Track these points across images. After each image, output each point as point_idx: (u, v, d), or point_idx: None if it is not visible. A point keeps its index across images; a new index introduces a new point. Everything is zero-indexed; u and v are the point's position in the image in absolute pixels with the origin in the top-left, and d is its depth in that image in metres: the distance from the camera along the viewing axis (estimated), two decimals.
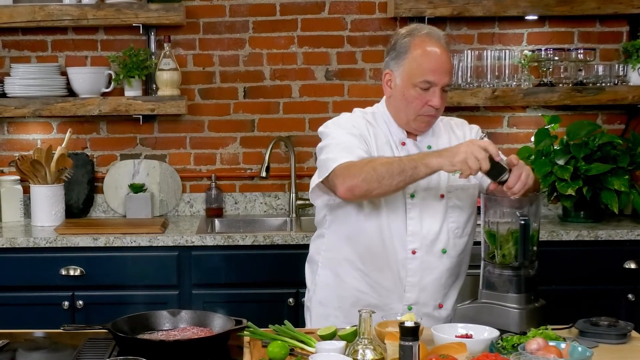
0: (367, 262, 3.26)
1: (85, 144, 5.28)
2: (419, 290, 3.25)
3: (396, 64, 3.20)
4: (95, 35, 5.22)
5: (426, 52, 3.13)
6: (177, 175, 5.28)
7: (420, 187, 3.21)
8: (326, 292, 3.39)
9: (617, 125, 5.30)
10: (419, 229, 3.22)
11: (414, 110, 3.18)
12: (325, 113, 5.23)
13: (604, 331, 2.92)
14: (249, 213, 5.30)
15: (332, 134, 3.23)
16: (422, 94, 3.14)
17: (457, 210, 3.27)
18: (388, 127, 3.28)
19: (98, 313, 4.47)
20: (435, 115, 3.21)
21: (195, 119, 5.27)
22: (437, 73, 3.12)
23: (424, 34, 3.17)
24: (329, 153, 3.16)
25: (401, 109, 3.22)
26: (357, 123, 3.26)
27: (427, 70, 3.12)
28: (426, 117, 3.19)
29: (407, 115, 3.21)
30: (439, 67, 3.12)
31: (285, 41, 5.25)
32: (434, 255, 3.24)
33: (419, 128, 3.24)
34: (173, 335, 2.77)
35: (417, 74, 3.13)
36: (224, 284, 4.60)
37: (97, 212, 5.29)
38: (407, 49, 3.16)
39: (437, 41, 3.15)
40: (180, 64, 5.11)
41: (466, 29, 5.23)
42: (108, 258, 4.57)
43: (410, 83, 3.15)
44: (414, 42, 3.16)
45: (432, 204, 3.24)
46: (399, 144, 3.26)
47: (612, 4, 4.95)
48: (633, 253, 4.63)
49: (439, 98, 3.13)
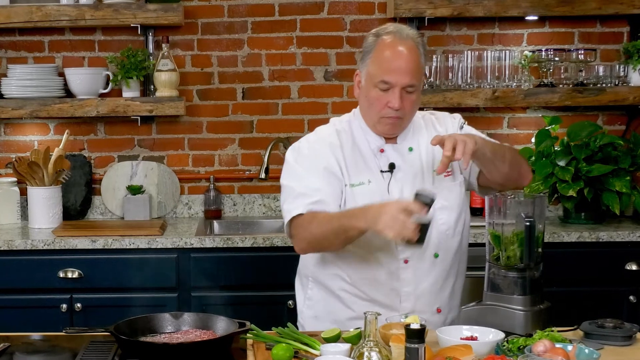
0: (358, 278, 3.18)
1: (82, 145, 5.24)
2: (415, 298, 3.18)
3: (362, 64, 3.15)
4: (93, 36, 5.19)
5: (387, 51, 3.07)
6: (175, 176, 5.25)
7: (404, 194, 3.13)
8: (320, 307, 3.31)
9: (618, 126, 5.28)
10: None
11: (375, 111, 3.11)
12: (324, 114, 5.20)
13: (609, 333, 2.90)
14: (247, 215, 5.27)
15: (291, 170, 3.20)
16: (382, 95, 3.07)
17: (445, 211, 3.19)
18: (365, 134, 3.21)
19: (96, 316, 4.45)
20: (400, 116, 3.11)
21: (194, 120, 5.24)
22: (395, 73, 3.04)
23: (390, 33, 3.11)
24: (286, 201, 3.16)
25: (366, 111, 3.18)
26: (324, 144, 3.19)
27: (385, 70, 3.05)
28: (388, 119, 3.11)
29: (372, 116, 3.15)
30: (398, 67, 3.04)
31: (284, 42, 5.22)
32: (426, 262, 3.17)
33: (383, 131, 3.17)
34: (176, 338, 2.74)
35: (376, 74, 3.07)
36: (223, 287, 4.57)
37: (95, 214, 5.25)
38: (371, 48, 3.11)
39: (401, 40, 3.07)
40: (179, 65, 5.08)
41: (466, 29, 5.20)
42: (106, 260, 4.54)
43: (372, 83, 3.09)
44: (378, 41, 3.10)
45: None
46: (378, 152, 3.20)
47: (613, 4, 4.93)
48: (634, 254, 4.61)
49: (397, 99, 3.04)
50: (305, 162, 3.18)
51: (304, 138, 3.30)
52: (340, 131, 3.24)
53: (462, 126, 3.30)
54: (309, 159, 3.18)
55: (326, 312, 3.28)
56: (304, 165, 3.18)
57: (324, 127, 3.32)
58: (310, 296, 3.34)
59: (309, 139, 3.27)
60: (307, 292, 3.35)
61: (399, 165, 3.18)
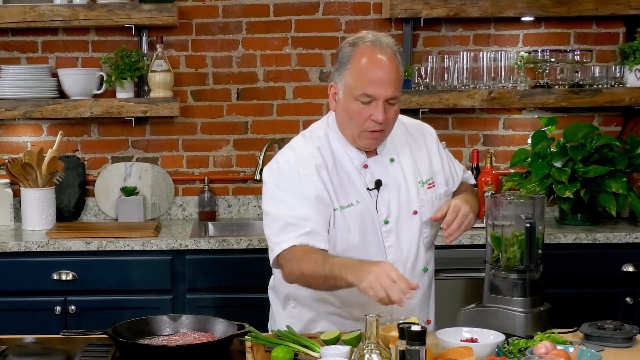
0: (348, 300, 3.05)
1: (76, 146, 5.21)
2: (407, 314, 3.03)
3: (339, 75, 2.99)
4: (86, 36, 5.16)
5: (367, 62, 2.92)
6: (169, 178, 5.22)
7: (392, 209, 3.07)
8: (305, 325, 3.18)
9: (614, 127, 5.26)
10: (399, 255, 3.09)
11: (357, 125, 2.97)
12: (319, 115, 5.14)
13: (609, 335, 2.89)
14: (242, 216, 5.24)
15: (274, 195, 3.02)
16: (364, 108, 2.94)
17: (428, 224, 3.14)
18: (345, 149, 3.08)
19: (91, 318, 4.43)
20: (383, 129, 2.99)
21: (188, 121, 5.22)
22: (377, 85, 2.90)
23: (368, 42, 2.95)
24: (272, 233, 2.98)
25: (345, 125, 3.03)
26: (307, 166, 3.02)
27: (367, 83, 2.91)
28: (370, 133, 2.98)
29: (352, 131, 3.01)
30: (380, 78, 2.91)
31: (279, 42, 5.20)
32: (416, 277, 3.09)
33: (364, 145, 3.04)
34: (174, 341, 2.72)
35: (357, 87, 2.92)
36: (218, 289, 4.55)
37: (88, 216, 5.22)
38: (348, 59, 2.96)
39: (381, 50, 2.93)
40: (173, 66, 5.05)
41: (462, 30, 5.18)
42: (101, 262, 4.51)
43: (352, 96, 2.94)
44: (355, 51, 2.95)
45: (406, 223, 3.10)
46: (361, 168, 3.08)
47: (609, 5, 4.93)
48: (631, 256, 4.60)
49: (381, 112, 2.92)
50: (289, 187, 3.00)
51: (282, 157, 3.10)
52: (320, 148, 3.07)
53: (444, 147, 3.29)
54: (293, 185, 3.00)
55: (311, 329, 3.17)
56: (288, 191, 3.00)
57: (301, 144, 3.12)
58: (293, 314, 3.23)
59: (289, 160, 3.07)
60: (290, 310, 3.24)
61: (385, 180, 3.08)
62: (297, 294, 3.16)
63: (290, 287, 3.13)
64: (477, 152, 5.04)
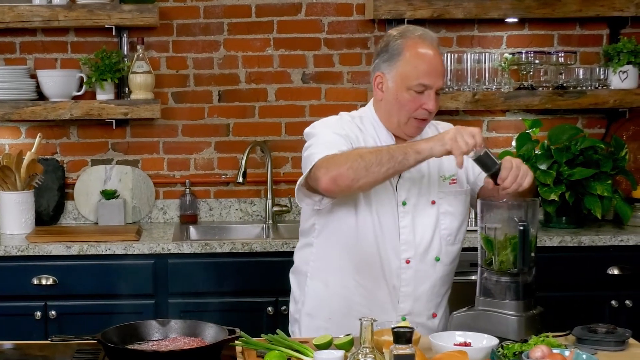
0: (362, 272, 3.17)
1: (55, 149, 5.14)
2: (413, 300, 3.18)
3: (388, 66, 3.11)
4: (65, 37, 5.09)
5: (420, 54, 3.06)
6: (150, 181, 5.16)
7: (411, 195, 3.16)
8: (316, 303, 3.29)
9: (597, 129, 5.25)
10: (412, 237, 3.16)
11: (406, 113, 3.10)
12: (301, 117, 5.14)
13: (602, 338, 2.87)
14: (224, 220, 5.19)
15: (318, 133, 3.15)
16: (417, 97, 3.06)
17: (448, 217, 3.21)
18: (376, 131, 3.20)
19: (72, 323, 4.37)
20: (428, 119, 3.14)
21: (169, 123, 5.16)
22: (432, 76, 3.05)
23: (417, 35, 3.10)
24: (313, 149, 3.08)
25: (393, 113, 3.14)
26: (345, 125, 3.18)
27: (422, 73, 3.04)
28: (418, 121, 3.12)
29: (399, 118, 3.12)
30: (433, 69, 3.06)
31: (261, 43, 5.15)
32: (427, 264, 3.18)
33: (409, 132, 3.15)
34: (164, 346, 2.66)
35: (412, 77, 3.05)
36: (201, 293, 4.49)
37: (68, 220, 5.15)
38: (400, 50, 3.08)
39: (430, 43, 3.08)
40: (153, 67, 4.99)
41: (445, 31, 5.16)
42: (82, 266, 4.45)
43: (405, 86, 3.07)
44: (407, 43, 3.08)
45: (423, 211, 3.18)
46: None
47: (594, 7, 4.91)
48: (616, 259, 4.59)
49: (433, 101, 3.07)
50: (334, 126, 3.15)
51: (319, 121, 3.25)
52: (352, 124, 3.21)
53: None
54: (334, 128, 3.15)
55: (321, 308, 3.26)
56: (333, 128, 3.15)
57: (335, 118, 3.26)
58: (306, 292, 3.31)
59: (327, 119, 3.25)
60: (304, 289, 3.32)
61: None
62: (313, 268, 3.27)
63: (309, 263, 3.28)
64: None
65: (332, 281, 3.22)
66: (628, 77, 4.95)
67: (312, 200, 3.13)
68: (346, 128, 3.16)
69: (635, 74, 4.97)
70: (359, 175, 2.89)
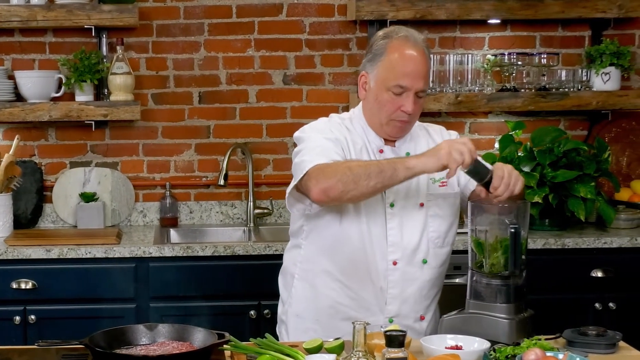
0: (348, 274, 3.16)
1: (33, 151, 5.07)
2: (401, 302, 3.17)
3: (371, 66, 3.12)
4: (44, 38, 5.03)
5: (401, 55, 3.06)
6: (129, 183, 5.10)
7: (399, 196, 3.14)
8: (303, 305, 3.27)
9: (580, 131, 5.25)
10: (400, 239, 3.14)
11: (386, 114, 3.10)
12: (283, 119, 5.11)
13: (592, 341, 2.87)
14: (204, 222, 5.14)
15: (309, 138, 3.14)
16: (395, 99, 3.06)
17: (437, 220, 3.20)
18: (365, 133, 3.20)
19: (51, 328, 4.31)
20: (409, 121, 3.12)
21: (149, 125, 5.10)
22: (410, 78, 3.04)
23: (402, 36, 3.10)
24: (304, 156, 3.07)
25: (374, 113, 3.15)
26: (335, 128, 3.18)
27: (401, 74, 3.04)
28: (398, 123, 3.11)
29: (380, 119, 3.13)
30: (413, 71, 3.05)
31: (242, 44, 5.11)
32: (414, 266, 3.17)
33: (391, 133, 3.16)
34: (153, 350, 2.61)
35: (390, 78, 3.06)
36: (182, 297, 4.45)
37: (46, 223, 5.08)
38: (382, 51, 3.09)
39: (414, 44, 3.07)
40: (133, 68, 4.93)
41: (427, 32, 5.12)
42: (61, 270, 4.40)
43: (384, 87, 3.08)
44: (390, 44, 3.09)
45: (411, 213, 3.17)
46: (377, 151, 3.18)
47: (576, 8, 4.90)
48: (600, 261, 4.58)
49: (411, 103, 3.05)
50: (321, 134, 3.14)
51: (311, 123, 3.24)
52: (341, 125, 3.21)
53: None
54: (324, 132, 3.14)
55: (309, 310, 3.25)
56: (322, 132, 3.14)
57: (324, 120, 3.26)
58: (293, 294, 3.30)
59: (317, 121, 3.25)
60: (291, 290, 3.31)
61: None
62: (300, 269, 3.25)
63: (296, 265, 3.27)
64: None
65: (319, 283, 3.20)
66: (610, 78, 4.95)
67: (304, 204, 3.13)
68: (335, 131, 3.16)
69: (617, 76, 4.97)
70: (348, 187, 2.92)
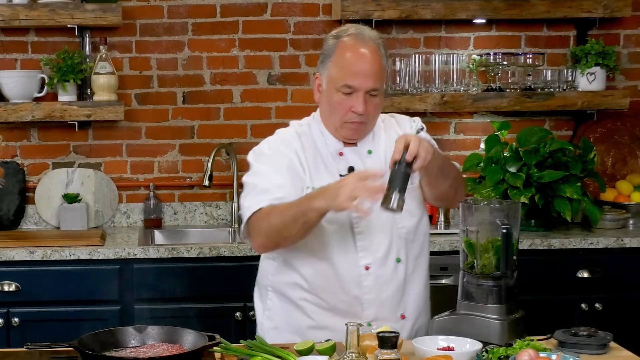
0: (318, 286, 3.08)
1: (14, 151, 5.02)
2: (378, 306, 3.08)
3: (323, 67, 3.06)
4: (26, 37, 4.98)
5: (349, 54, 3.00)
6: (113, 184, 5.06)
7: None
8: (280, 317, 3.20)
9: (565, 131, 5.24)
10: (369, 242, 3.07)
11: (338, 116, 3.03)
12: (267, 119, 5.08)
13: (583, 342, 2.86)
14: (189, 224, 5.11)
15: (254, 169, 3.11)
16: (345, 99, 2.99)
17: (405, 215, 3.05)
18: (324, 137, 3.13)
19: (35, 331, 4.26)
20: (364, 121, 3.04)
21: (132, 125, 5.06)
22: (359, 77, 2.97)
23: (351, 35, 3.04)
24: (246, 198, 3.07)
25: (328, 115, 3.09)
26: (287, 144, 3.12)
27: (349, 74, 2.97)
28: (352, 124, 3.04)
29: (334, 121, 3.07)
30: (362, 70, 2.97)
31: (226, 44, 5.08)
32: (388, 267, 3.08)
33: (347, 135, 3.09)
34: (143, 353, 2.58)
35: (338, 78, 2.99)
36: (167, 299, 4.41)
37: (29, 224, 5.03)
38: (332, 51, 3.04)
39: (363, 43, 3.01)
40: (116, 68, 4.89)
41: (412, 32, 5.11)
42: (45, 272, 4.36)
43: (334, 87, 3.01)
44: (338, 44, 3.03)
45: (378, 213, 2.99)
46: (336, 155, 3.11)
47: (562, 8, 4.90)
48: (586, 262, 4.57)
49: (361, 104, 2.97)
50: (267, 160, 3.10)
51: (265, 140, 3.21)
52: (300, 134, 3.16)
53: (419, 130, 3.21)
54: (270, 158, 3.10)
55: (286, 322, 3.18)
56: (266, 163, 3.09)
57: (284, 129, 3.23)
58: (269, 307, 3.23)
59: (270, 140, 3.19)
60: (267, 302, 3.24)
61: (358, 168, 3.08)
62: (273, 282, 3.19)
63: (268, 277, 3.21)
64: None
65: (292, 295, 3.14)
66: (596, 78, 4.95)
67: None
68: (287, 150, 3.10)
69: (602, 76, 4.97)
70: (277, 240, 2.97)
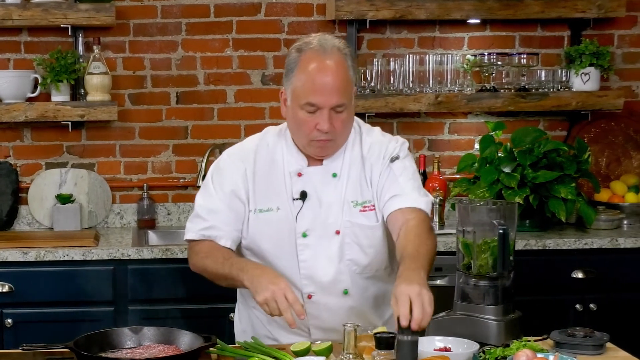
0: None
1: (7, 152, 5.01)
2: (324, 331, 2.98)
3: (287, 82, 2.90)
4: (19, 37, 4.96)
5: (309, 70, 2.81)
6: (106, 185, 5.04)
7: (315, 224, 2.95)
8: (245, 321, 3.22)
9: (559, 131, 5.24)
10: (313, 272, 2.97)
11: (304, 134, 2.88)
12: (261, 119, 5.06)
13: (580, 342, 2.85)
14: (182, 224, 5.03)
15: (205, 182, 3.09)
16: (310, 117, 2.83)
17: (354, 248, 2.98)
18: (288, 153, 2.99)
19: (29, 332, 4.24)
20: (332, 139, 2.88)
21: (126, 125, 5.05)
22: (321, 94, 2.80)
23: (311, 48, 2.85)
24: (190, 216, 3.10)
25: (294, 132, 2.94)
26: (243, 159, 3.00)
27: (310, 92, 2.80)
28: (318, 143, 2.88)
29: (300, 139, 2.92)
30: (324, 86, 2.79)
31: (220, 44, 5.06)
32: (335, 297, 2.99)
33: (315, 154, 2.94)
34: (139, 354, 2.58)
35: (301, 96, 2.82)
36: (162, 299, 4.40)
37: (21, 225, 5.02)
38: (294, 66, 2.86)
39: (326, 55, 2.83)
40: (110, 68, 4.87)
41: (406, 32, 5.11)
42: (39, 273, 4.34)
43: (298, 105, 2.84)
44: (300, 58, 2.85)
45: (326, 241, 2.96)
46: (294, 175, 2.98)
47: (556, 8, 4.90)
48: (581, 262, 4.57)
49: (326, 121, 2.81)
50: (217, 177, 3.04)
51: (230, 148, 3.12)
52: (261, 147, 3.02)
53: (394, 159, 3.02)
54: (221, 176, 3.02)
55: (250, 326, 3.16)
56: (215, 181, 3.04)
57: (251, 138, 3.10)
58: (239, 308, 3.27)
59: (230, 152, 3.08)
60: (238, 304, 3.27)
61: (312, 193, 2.97)
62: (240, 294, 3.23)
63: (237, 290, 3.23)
64: (424, 157, 4.93)
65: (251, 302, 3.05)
66: (590, 79, 4.96)
67: None
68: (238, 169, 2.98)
69: (597, 76, 4.98)
70: (212, 280, 3.00)
